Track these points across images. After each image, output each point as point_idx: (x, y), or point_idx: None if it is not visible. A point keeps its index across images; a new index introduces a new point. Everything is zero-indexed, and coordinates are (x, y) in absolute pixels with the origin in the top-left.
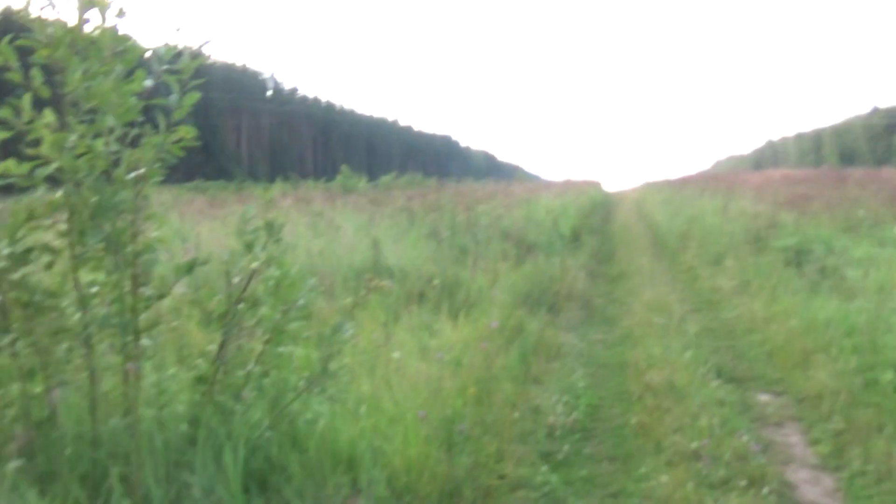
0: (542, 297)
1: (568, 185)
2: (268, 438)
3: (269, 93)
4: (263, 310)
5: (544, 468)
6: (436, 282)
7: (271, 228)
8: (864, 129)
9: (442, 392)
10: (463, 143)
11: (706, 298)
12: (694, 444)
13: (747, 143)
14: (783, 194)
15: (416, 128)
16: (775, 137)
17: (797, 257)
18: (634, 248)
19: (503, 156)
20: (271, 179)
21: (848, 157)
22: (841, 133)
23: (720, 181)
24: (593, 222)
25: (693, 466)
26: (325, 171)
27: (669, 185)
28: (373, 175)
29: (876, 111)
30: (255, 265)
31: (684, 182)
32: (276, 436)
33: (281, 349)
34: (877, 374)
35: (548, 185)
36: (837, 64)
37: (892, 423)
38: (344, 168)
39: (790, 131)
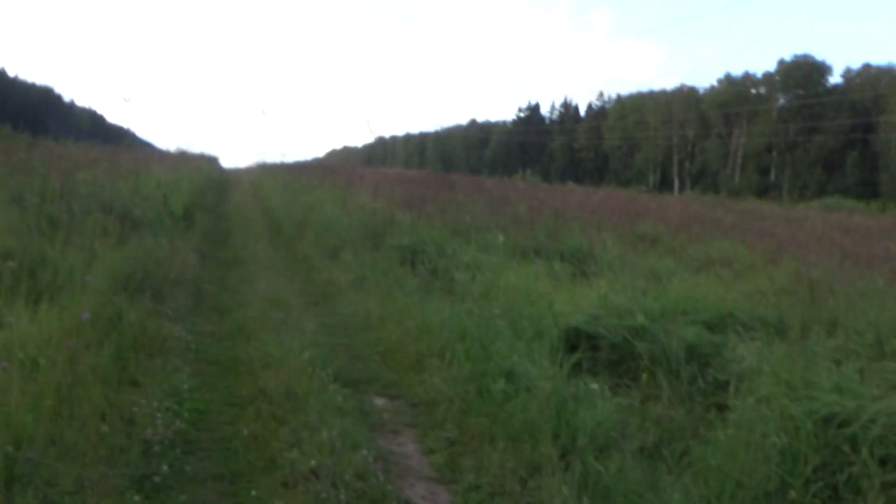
0: (146, 282)
1: (183, 158)
2: None
3: None
4: None
5: (136, 498)
6: (12, 263)
7: None
8: (463, 140)
9: (7, 407)
10: (67, 98)
11: (323, 291)
12: (312, 463)
13: (359, 137)
14: (399, 194)
15: (10, 73)
16: (386, 135)
17: (412, 257)
18: (250, 232)
19: (113, 117)
20: None
21: (447, 163)
22: (443, 140)
23: (338, 173)
24: (208, 201)
25: (312, 488)
26: None
27: (287, 168)
28: None
29: (473, 124)
30: None
31: (302, 169)
32: None
33: None
34: (488, 383)
35: (162, 156)
36: (444, 74)
37: (503, 435)
38: None
39: (399, 131)
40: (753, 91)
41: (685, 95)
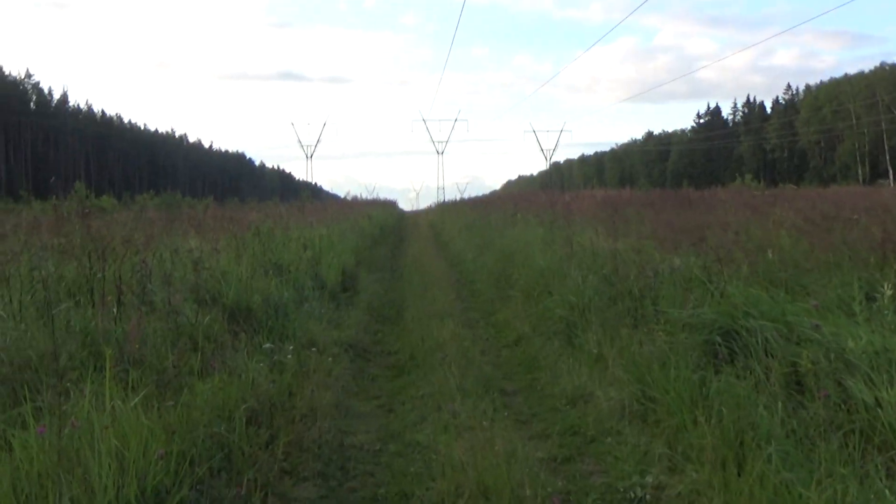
0: (221, 471)
1: (354, 205)
2: None
3: (33, 104)
4: None
5: None
6: None
7: None
8: (641, 154)
9: None
10: (257, 161)
11: (569, 426)
12: None
13: (533, 165)
14: (648, 223)
15: (206, 144)
16: (560, 160)
17: (725, 344)
18: (432, 297)
19: (302, 174)
20: (39, 198)
21: (627, 180)
22: (620, 157)
23: (534, 202)
24: (380, 255)
25: None
26: (101, 189)
27: (468, 205)
28: (160, 195)
29: (650, 136)
30: None
31: (485, 204)
32: None
33: None
34: None
35: (332, 206)
36: (616, 89)
37: None
38: (78, 185)
39: (574, 154)
40: None
41: (889, 74)
